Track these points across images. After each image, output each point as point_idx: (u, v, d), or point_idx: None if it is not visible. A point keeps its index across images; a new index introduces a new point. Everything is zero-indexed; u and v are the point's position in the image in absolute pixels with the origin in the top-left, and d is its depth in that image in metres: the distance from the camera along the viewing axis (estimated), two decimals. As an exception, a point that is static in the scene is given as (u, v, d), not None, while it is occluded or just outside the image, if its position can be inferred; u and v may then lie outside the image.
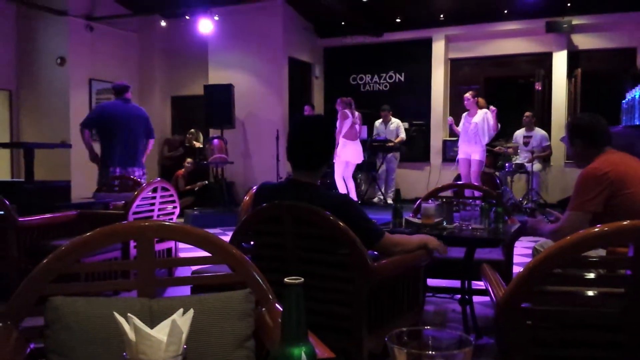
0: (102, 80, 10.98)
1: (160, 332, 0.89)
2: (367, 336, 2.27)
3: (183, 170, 10.43)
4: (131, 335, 0.88)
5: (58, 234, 4.22)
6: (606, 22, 9.89)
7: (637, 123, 5.63)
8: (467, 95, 8.32)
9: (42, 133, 10.19)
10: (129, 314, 0.91)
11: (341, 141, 8.35)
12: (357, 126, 8.76)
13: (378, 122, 10.16)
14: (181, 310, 0.97)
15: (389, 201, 9.48)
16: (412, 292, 2.67)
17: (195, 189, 10.22)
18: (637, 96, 5.70)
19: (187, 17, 10.44)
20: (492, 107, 8.29)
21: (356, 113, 8.85)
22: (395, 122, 10.09)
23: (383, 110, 10.06)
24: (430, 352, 0.72)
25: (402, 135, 10.03)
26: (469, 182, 7.82)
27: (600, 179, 2.70)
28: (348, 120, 8.21)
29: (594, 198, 2.69)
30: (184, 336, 0.90)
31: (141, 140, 6.62)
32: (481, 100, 8.46)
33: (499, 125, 8.31)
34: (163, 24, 10.86)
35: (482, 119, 8.15)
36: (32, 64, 10.50)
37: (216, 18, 10.07)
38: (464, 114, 8.50)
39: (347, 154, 8.28)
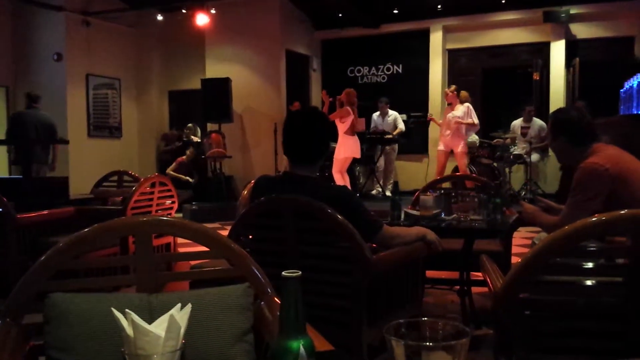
0: (99, 75, 10.96)
1: (159, 327, 0.89)
2: (367, 329, 2.27)
3: (175, 164, 10.39)
4: (129, 330, 0.88)
5: (56, 230, 4.22)
6: (604, 11, 9.87)
7: (635, 112, 5.63)
8: (447, 90, 8.64)
9: (40, 129, 10.15)
10: (126, 310, 0.91)
11: (341, 137, 8.35)
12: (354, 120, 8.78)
13: (375, 115, 10.15)
14: (179, 305, 0.97)
15: (388, 193, 9.48)
16: (411, 284, 2.67)
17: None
18: (635, 85, 5.70)
19: (184, 11, 10.41)
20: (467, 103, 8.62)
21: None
22: (393, 114, 10.07)
23: (380, 102, 10.05)
24: (427, 344, 0.72)
25: (401, 127, 10.02)
26: (443, 175, 8.22)
27: (601, 175, 2.59)
28: (350, 117, 8.22)
29: (595, 197, 2.59)
30: (182, 331, 0.90)
31: (49, 142, 8.01)
32: (463, 93, 8.69)
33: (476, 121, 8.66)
34: (159, 18, 10.83)
35: (463, 112, 8.35)
36: (28, 60, 10.47)
37: (213, 11, 10.04)
38: (446, 107, 8.83)
39: (347, 150, 8.28)
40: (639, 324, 1.66)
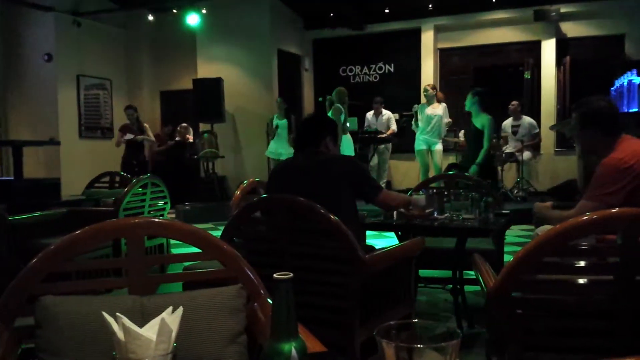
0: (90, 76, 10.91)
1: (150, 330, 0.89)
2: (360, 329, 2.27)
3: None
4: (120, 334, 0.88)
5: (48, 232, 4.19)
6: (594, 10, 9.91)
7: (626, 110, 5.66)
8: (428, 87, 8.66)
9: (31, 130, 10.12)
10: (117, 314, 0.91)
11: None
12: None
13: (370, 114, 10.13)
14: (170, 308, 0.97)
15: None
16: (404, 283, 2.68)
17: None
18: (625, 83, 5.73)
19: (175, 11, 10.37)
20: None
21: None
22: (386, 114, 10.06)
23: (375, 102, 10.05)
24: (417, 345, 0.72)
25: (394, 127, 10.01)
26: (427, 173, 8.51)
27: (624, 172, 2.53)
28: (341, 115, 8.25)
29: (615, 192, 2.53)
30: (173, 334, 0.90)
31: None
32: (440, 94, 8.82)
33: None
34: (150, 18, 10.79)
35: (443, 112, 8.50)
36: (18, 60, 10.41)
37: (204, 11, 10.02)
38: (420, 105, 8.85)
39: (341, 149, 8.31)
40: (630, 322, 1.67)
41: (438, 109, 8.63)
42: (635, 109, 5.42)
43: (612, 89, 6.37)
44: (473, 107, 6.35)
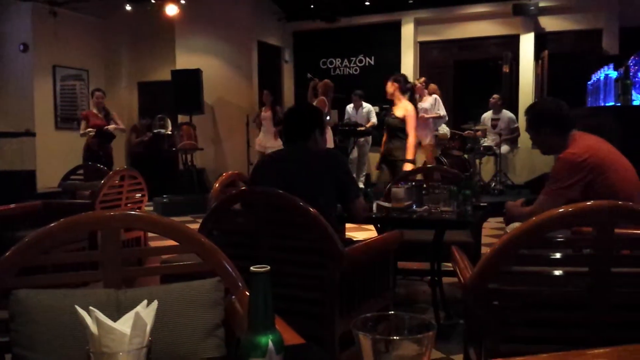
0: (66, 66, 10.75)
1: (124, 324, 0.88)
2: (339, 321, 2.28)
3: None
4: (93, 328, 0.87)
5: (23, 225, 4.13)
6: (572, 4, 10.01)
7: (602, 104, 5.73)
8: (416, 81, 8.69)
9: (6, 122, 9.94)
10: (90, 307, 0.90)
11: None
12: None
13: (350, 107, 10.12)
14: (145, 301, 0.96)
15: (361, 185, 9.50)
16: (383, 275, 2.69)
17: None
18: (602, 77, 5.79)
19: (153, 1, 10.24)
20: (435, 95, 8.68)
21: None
22: (366, 107, 10.05)
23: (355, 94, 10.02)
24: (394, 337, 0.72)
25: (374, 119, 10.00)
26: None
27: (579, 165, 2.64)
28: (325, 108, 8.25)
29: (572, 185, 2.64)
30: (148, 328, 0.89)
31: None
32: (432, 86, 8.75)
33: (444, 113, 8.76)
34: (128, 8, 10.64)
35: (430, 104, 8.40)
36: (-7, 50, 10.23)
37: (182, 1, 9.91)
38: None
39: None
40: (605, 313, 1.70)
41: (424, 103, 8.57)
42: (612, 103, 5.48)
43: (589, 82, 6.44)
44: (395, 93, 5.89)
